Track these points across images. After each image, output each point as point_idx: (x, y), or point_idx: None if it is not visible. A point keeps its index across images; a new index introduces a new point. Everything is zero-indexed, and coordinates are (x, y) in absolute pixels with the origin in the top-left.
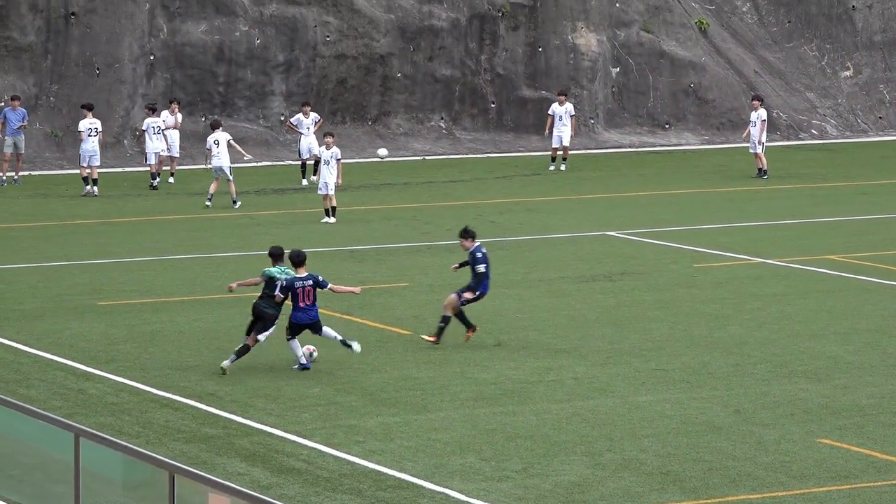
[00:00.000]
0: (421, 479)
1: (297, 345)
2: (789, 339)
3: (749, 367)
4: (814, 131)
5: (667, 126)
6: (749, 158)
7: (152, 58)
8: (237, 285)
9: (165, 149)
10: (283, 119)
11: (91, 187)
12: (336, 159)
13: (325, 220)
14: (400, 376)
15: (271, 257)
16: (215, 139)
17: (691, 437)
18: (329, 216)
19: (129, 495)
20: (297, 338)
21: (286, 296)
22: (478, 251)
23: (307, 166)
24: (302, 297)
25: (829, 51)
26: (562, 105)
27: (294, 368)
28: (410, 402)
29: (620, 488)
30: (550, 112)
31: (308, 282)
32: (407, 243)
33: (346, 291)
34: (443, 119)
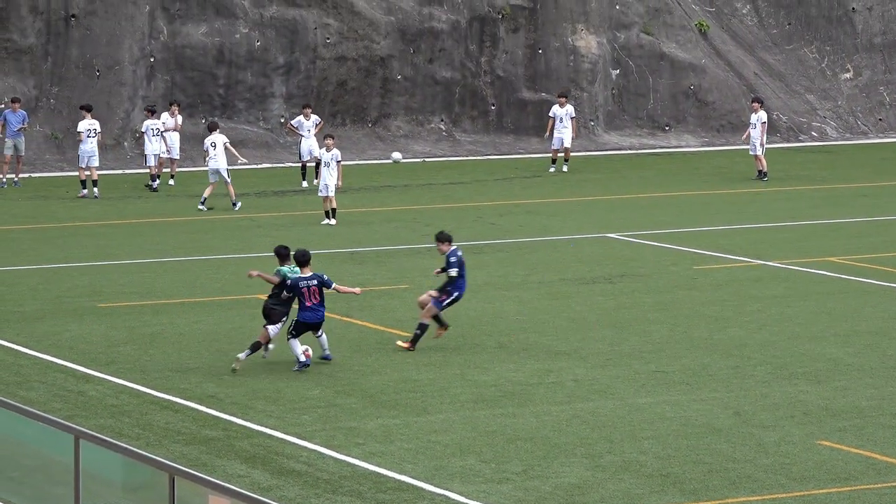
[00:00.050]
0: (421, 481)
1: (298, 344)
2: (789, 341)
3: (749, 369)
4: (814, 133)
5: (667, 128)
6: (749, 160)
7: (152, 60)
8: (257, 274)
9: (165, 150)
10: (283, 121)
11: (88, 190)
12: (336, 161)
13: (325, 221)
14: (400, 378)
15: (278, 256)
16: (212, 141)
17: (691, 439)
18: (329, 218)
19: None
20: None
21: (290, 295)
22: (452, 255)
23: (307, 168)
24: (308, 296)
25: (829, 53)
26: (562, 107)
27: (294, 370)
28: (410, 404)
29: (620, 490)
30: (551, 114)
31: (313, 281)
32: (407, 245)
33: (348, 292)
34: (443, 121)
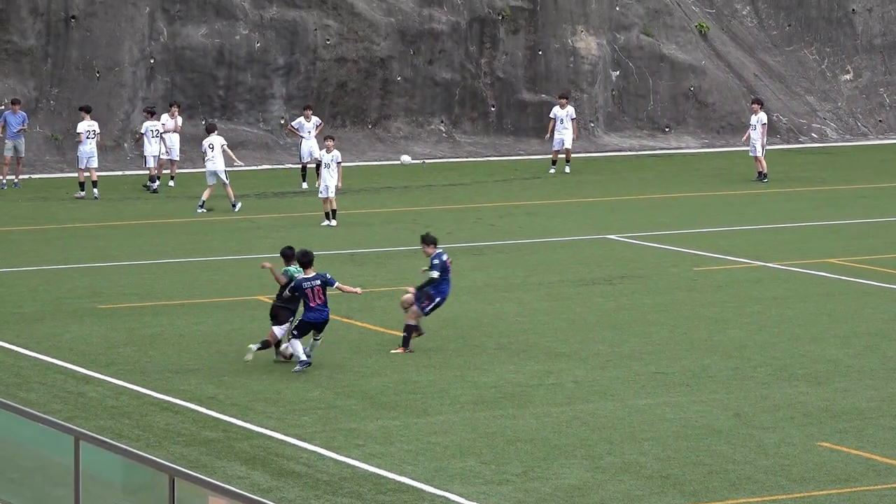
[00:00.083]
0: (421, 482)
1: (299, 344)
2: (789, 343)
3: (749, 370)
4: (814, 135)
5: (667, 129)
6: (749, 162)
7: (152, 61)
8: (270, 266)
9: (164, 152)
10: (283, 122)
11: (86, 191)
12: (337, 163)
13: (325, 223)
14: (400, 380)
15: (284, 258)
16: (210, 143)
17: (691, 441)
18: (330, 219)
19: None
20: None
21: (292, 294)
22: (436, 258)
23: (307, 169)
24: (312, 297)
25: (829, 54)
26: (563, 108)
27: (295, 370)
28: (410, 405)
29: (620, 492)
30: (552, 115)
31: (316, 282)
32: (407, 247)
33: (349, 291)
34: (443, 122)
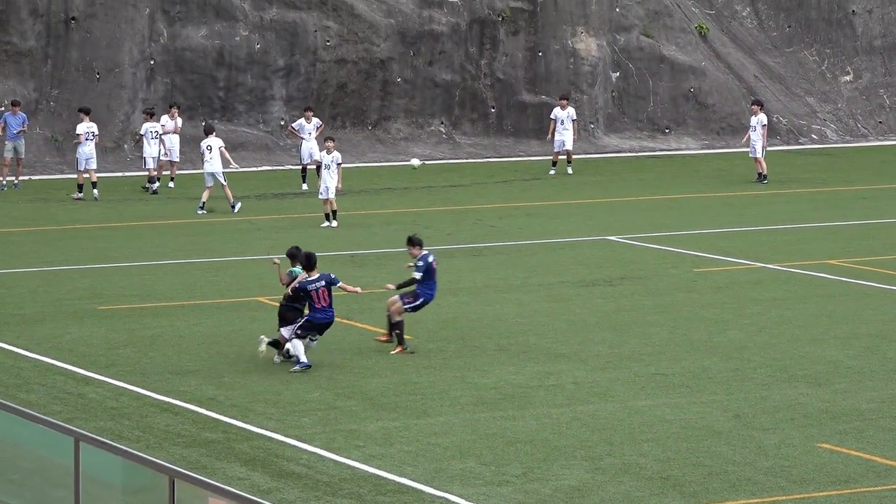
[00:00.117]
0: (421, 483)
1: (301, 345)
2: (789, 344)
3: (749, 371)
4: (814, 136)
5: (667, 131)
6: (749, 163)
7: (152, 62)
8: (279, 265)
9: (164, 153)
10: (283, 124)
11: (84, 193)
12: (337, 164)
13: (325, 224)
14: (400, 381)
15: (290, 258)
16: (208, 144)
17: (691, 442)
18: (330, 220)
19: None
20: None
21: (295, 295)
22: (422, 259)
23: (308, 171)
24: (317, 298)
25: (829, 55)
26: (564, 109)
27: (293, 370)
28: (410, 406)
29: (620, 493)
30: (553, 116)
31: (321, 283)
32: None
33: (351, 291)
34: (443, 124)
